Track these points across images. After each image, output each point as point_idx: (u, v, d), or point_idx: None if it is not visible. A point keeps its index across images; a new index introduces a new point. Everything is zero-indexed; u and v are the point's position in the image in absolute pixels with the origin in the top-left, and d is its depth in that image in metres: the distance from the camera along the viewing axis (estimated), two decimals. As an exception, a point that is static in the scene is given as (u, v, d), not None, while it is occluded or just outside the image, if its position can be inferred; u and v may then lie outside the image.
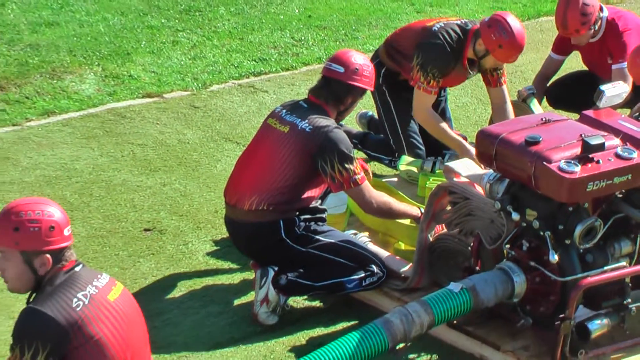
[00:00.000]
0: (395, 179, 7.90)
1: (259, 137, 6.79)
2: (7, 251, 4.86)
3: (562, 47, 8.47)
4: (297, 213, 6.55)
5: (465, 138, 7.77)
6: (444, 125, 7.63)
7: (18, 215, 4.86)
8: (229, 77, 9.58)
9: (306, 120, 6.53)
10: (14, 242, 4.85)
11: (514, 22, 7.48)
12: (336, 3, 11.13)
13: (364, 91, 6.78)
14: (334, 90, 6.70)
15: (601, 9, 8.16)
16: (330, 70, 6.70)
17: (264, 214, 6.50)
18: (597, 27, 8.14)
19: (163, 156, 8.36)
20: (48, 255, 4.83)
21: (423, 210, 6.64)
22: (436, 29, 7.64)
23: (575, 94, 8.22)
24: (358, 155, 8.03)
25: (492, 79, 7.83)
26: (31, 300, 4.92)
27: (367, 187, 6.56)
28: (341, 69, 6.68)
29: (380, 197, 6.62)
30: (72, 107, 8.99)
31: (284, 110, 6.70)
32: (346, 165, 6.43)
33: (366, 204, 6.58)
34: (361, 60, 6.75)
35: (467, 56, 7.66)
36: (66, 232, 4.88)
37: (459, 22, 7.76)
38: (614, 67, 7.96)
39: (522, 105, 8.07)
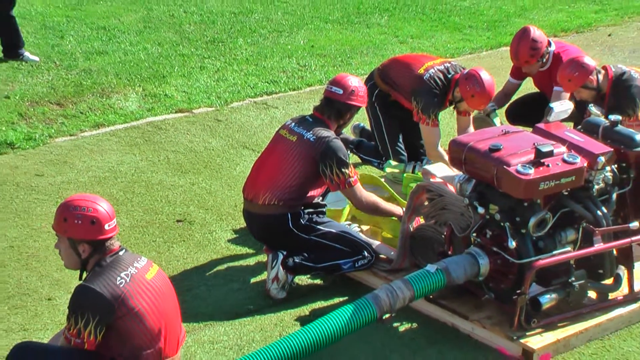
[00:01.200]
0: (383, 179, 7.93)
1: (272, 144, 6.79)
2: (60, 236, 4.99)
3: (518, 73, 8.49)
4: (302, 207, 6.57)
5: None
6: (442, 152, 7.66)
7: (69, 209, 4.94)
8: (246, 95, 9.58)
9: (311, 132, 6.56)
10: (63, 230, 4.96)
11: (486, 77, 7.52)
12: (334, 35, 11.13)
13: (358, 108, 6.82)
14: (335, 108, 6.72)
15: (549, 44, 8.19)
16: (331, 92, 6.72)
17: (275, 208, 6.52)
18: (544, 60, 8.17)
19: (192, 160, 8.37)
20: (87, 244, 4.91)
21: (405, 207, 6.69)
22: (426, 77, 7.70)
23: (530, 111, 8.24)
24: (353, 159, 8.09)
25: (463, 111, 7.87)
26: (83, 279, 4.98)
27: (359, 188, 6.59)
28: (340, 91, 6.70)
29: (370, 197, 6.65)
30: (118, 121, 9.00)
31: (293, 123, 6.73)
32: (343, 170, 6.48)
33: (358, 202, 6.63)
34: (356, 82, 6.78)
35: (449, 99, 7.75)
36: (106, 227, 4.92)
37: (441, 67, 7.79)
38: (554, 89, 8.01)
39: (486, 119, 8.09)
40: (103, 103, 9.28)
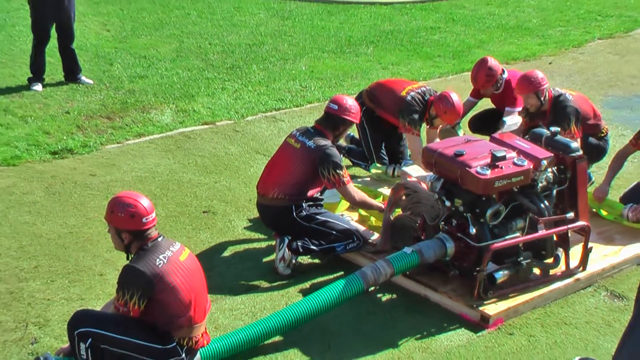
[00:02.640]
0: (368, 179, 7.96)
1: (280, 150, 6.79)
2: (109, 224, 5.01)
3: (476, 94, 8.51)
4: (304, 201, 6.58)
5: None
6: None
7: (115, 204, 4.97)
8: (258, 111, 9.57)
9: (311, 141, 6.58)
10: (110, 220, 4.99)
11: (455, 97, 7.58)
12: (329, 63, 11.13)
13: (351, 123, 6.82)
14: (332, 121, 6.73)
15: (503, 72, 8.21)
16: (330, 108, 6.74)
17: (282, 201, 6.53)
18: (499, 85, 8.19)
19: (215, 163, 8.35)
20: (127, 233, 4.93)
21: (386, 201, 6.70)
22: (409, 99, 7.71)
23: (487, 124, 8.25)
24: (345, 162, 8.08)
25: (436, 126, 7.88)
26: (129, 260, 4.98)
27: (352, 187, 6.60)
28: (336, 107, 6.72)
29: (359, 194, 6.67)
30: (156, 131, 8.99)
31: (298, 133, 6.73)
32: (338, 171, 6.48)
33: (350, 198, 6.63)
34: (350, 102, 6.79)
35: (426, 117, 7.77)
36: (144, 220, 4.93)
37: (419, 91, 7.80)
38: (506, 109, 8.05)
39: (451, 130, 8.08)
40: (143, 117, 9.27)
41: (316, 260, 6.67)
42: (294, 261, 6.51)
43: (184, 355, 5.04)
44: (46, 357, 4.99)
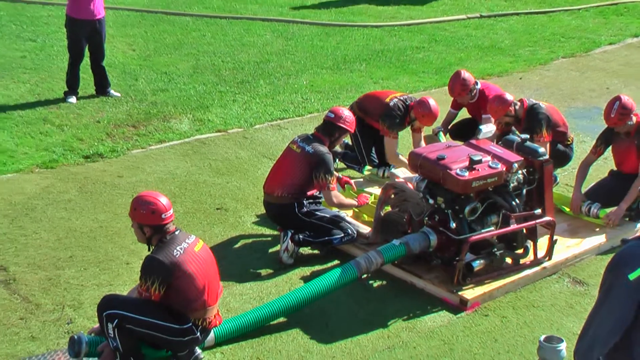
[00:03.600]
0: (361, 180, 7.92)
1: (284, 155, 6.77)
2: (132, 220, 5.01)
3: (455, 105, 8.48)
4: (305, 199, 6.56)
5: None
6: (401, 158, 7.59)
7: (138, 202, 4.98)
8: (265, 120, 9.54)
9: (310, 146, 6.55)
10: (133, 216, 4.99)
11: (432, 102, 7.55)
12: (327, 78, 11.10)
13: (346, 130, 6.79)
14: (328, 128, 6.71)
15: (476, 83, 8.19)
16: (328, 117, 6.74)
17: (285, 199, 6.52)
18: (473, 94, 8.16)
19: (227, 166, 8.32)
20: (149, 228, 4.92)
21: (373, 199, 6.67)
22: (392, 105, 7.65)
23: (466, 131, 8.21)
24: (340, 165, 8.07)
25: (417, 128, 7.82)
26: (150, 251, 4.97)
27: (334, 192, 6.56)
28: (333, 116, 6.71)
29: (338, 197, 6.60)
30: (175, 138, 8.96)
31: (299, 139, 6.70)
32: (327, 176, 6.47)
33: (329, 199, 6.58)
34: (346, 112, 6.79)
35: (408, 120, 7.71)
36: (163, 216, 4.92)
37: (402, 98, 7.74)
38: (483, 116, 8.03)
39: (434, 137, 8.06)
40: (164, 125, 9.25)
41: (315, 251, 6.64)
42: (296, 252, 6.49)
43: (199, 334, 5.03)
44: (79, 336, 4.98)
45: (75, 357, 4.97)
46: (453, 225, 6.02)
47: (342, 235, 6.53)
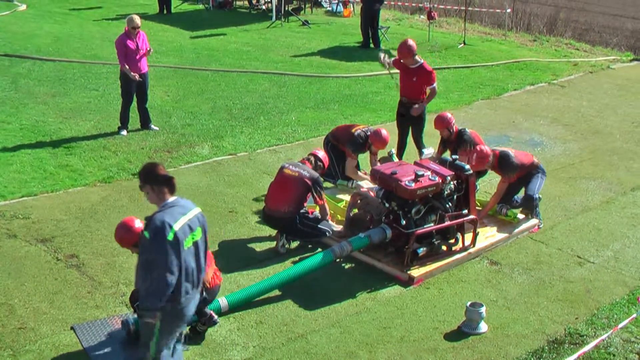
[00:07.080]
0: (336, 189, 7.85)
1: (282, 178, 6.51)
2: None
3: (399, 65, 8.24)
4: (301, 209, 6.44)
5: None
6: (359, 174, 7.62)
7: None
8: (264, 146, 9.49)
9: (305, 171, 6.43)
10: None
11: (383, 132, 7.48)
12: (310, 115, 11.08)
13: (324, 165, 6.74)
14: (317, 162, 6.67)
15: (419, 56, 8.04)
16: (315, 154, 6.74)
17: (290, 213, 6.36)
18: (416, 59, 8.04)
19: (237, 180, 8.26)
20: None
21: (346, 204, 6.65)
22: (356, 134, 7.58)
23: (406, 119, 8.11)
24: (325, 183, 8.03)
25: (374, 152, 7.75)
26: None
27: (325, 204, 6.51)
28: (316, 157, 6.70)
29: (324, 209, 6.50)
30: (198, 160, 8.89)
31: (291, 165, 6.56)
32: (321, 193, 6.42)
33: (323, 212, 6.49)
34: (321, 155, 6.78)
35: (367, 147, 7.66)
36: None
37: (364, 129, 7.67)
38: (428, 88, 8.06)
39: (388, 158, 8.06)
40: (190, 151, 9.20)
41: (303, 244, 6.60)
42: (287, 245, 6.47)
43: (205, 295, 4.91)
44: (126, 318, 4.96)
45: (127, 335, 4.97)
46: (403, 222, 6.05)
47: (323, 233, 6.46)
